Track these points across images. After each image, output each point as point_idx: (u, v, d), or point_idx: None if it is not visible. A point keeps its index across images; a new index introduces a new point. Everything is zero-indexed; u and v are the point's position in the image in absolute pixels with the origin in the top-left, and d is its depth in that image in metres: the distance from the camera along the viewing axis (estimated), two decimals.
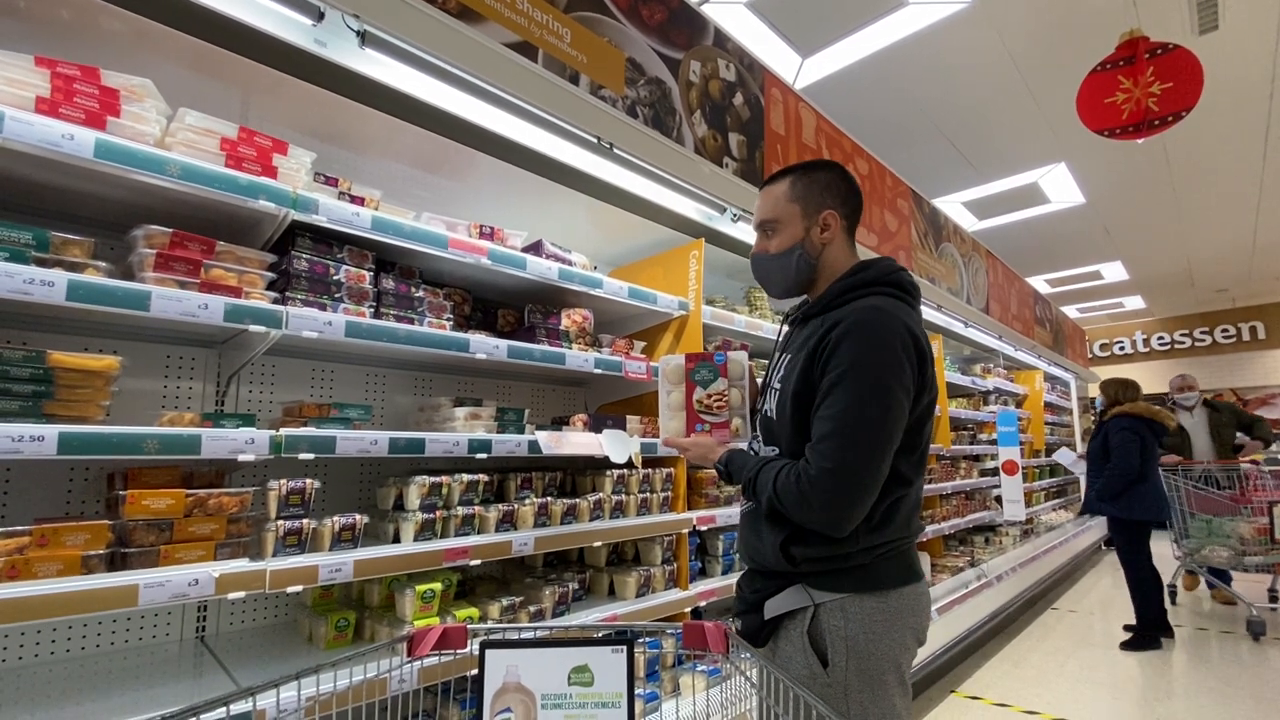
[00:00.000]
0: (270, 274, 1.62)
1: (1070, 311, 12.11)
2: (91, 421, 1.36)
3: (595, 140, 2.02)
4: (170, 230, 1.47)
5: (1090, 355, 13.00)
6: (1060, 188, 7.04)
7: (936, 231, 4.80)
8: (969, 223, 7.99)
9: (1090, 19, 4.28)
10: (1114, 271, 10.16)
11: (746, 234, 2.91)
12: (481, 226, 2.12)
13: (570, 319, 2.39)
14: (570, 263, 2.32)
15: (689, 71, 2.39)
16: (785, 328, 1.53)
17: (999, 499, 5.55)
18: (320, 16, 1.48)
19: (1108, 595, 6.10)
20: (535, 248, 2.28)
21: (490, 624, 1.06)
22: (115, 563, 1.37)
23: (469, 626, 1.15)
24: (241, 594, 1.44)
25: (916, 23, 4.40)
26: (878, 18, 4.34)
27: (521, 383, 2.86)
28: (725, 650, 1.13)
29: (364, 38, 1.53)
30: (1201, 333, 12.63)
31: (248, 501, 1.55)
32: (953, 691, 3.61)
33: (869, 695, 1.24)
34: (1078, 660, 4.17)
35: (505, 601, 1.96)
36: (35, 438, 1.21)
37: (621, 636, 1.11)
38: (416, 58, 1.62)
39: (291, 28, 1.50)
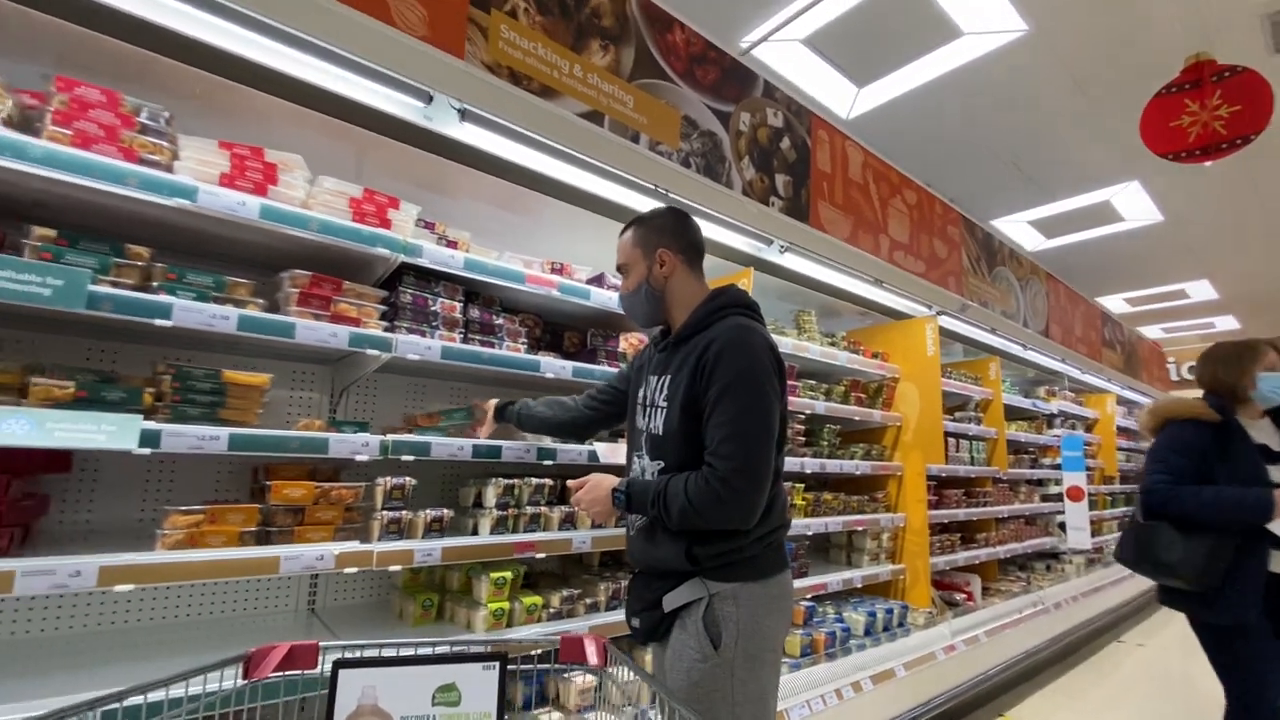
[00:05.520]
0: (382, 306, 1.96)
1: (1154, 332, 11.47)
2: (250, 426, 1.71)
3: (653, 188, 2.29)
4: (310, 274, 1.83)
5: (1179, 378, 12.22)
6: (1134, 206, 6.81)
7: (990, 256, 4.81)
8: (1036, 242, 7.80)
9: (1157, 40, 4.23)
10: (1201, 290, 9.60)
11: (794, 263, 3.10)
12: (553, 263, 2.42)
13: (628, 342, 2.65)
14: None
15: (739, 122, 2.63)
16: (655, 355, 1.70)
17: (1063, 525, 5.41)
18: (429, 99, 1.81)
19: (1185, 630, 5.78)
20: (598, 280, 2.56)
21: (345, 642, 1.12)
22: (261, 539, 1.71)
23: (321, 644, 1.10)
24: (353, 570, 1.75)
25: (974, 51, 4.46)
26: (934, 48, 4.43)
27: None
28: (604, 663, 1.17)
29: (464, 114, 1.86)
30: None
31: (360, 494, 1.88)
32: (999, 715, 3.62)
33: (750, 672, 1.43)
34: (1140, 695, 4.05)
35: (565, 593, 2.23)
36: (213, 438, 1.57)
37: (495, 654, 1.08)
38: (506, 128, 1.93)
39: (407, 108, 1.85)
